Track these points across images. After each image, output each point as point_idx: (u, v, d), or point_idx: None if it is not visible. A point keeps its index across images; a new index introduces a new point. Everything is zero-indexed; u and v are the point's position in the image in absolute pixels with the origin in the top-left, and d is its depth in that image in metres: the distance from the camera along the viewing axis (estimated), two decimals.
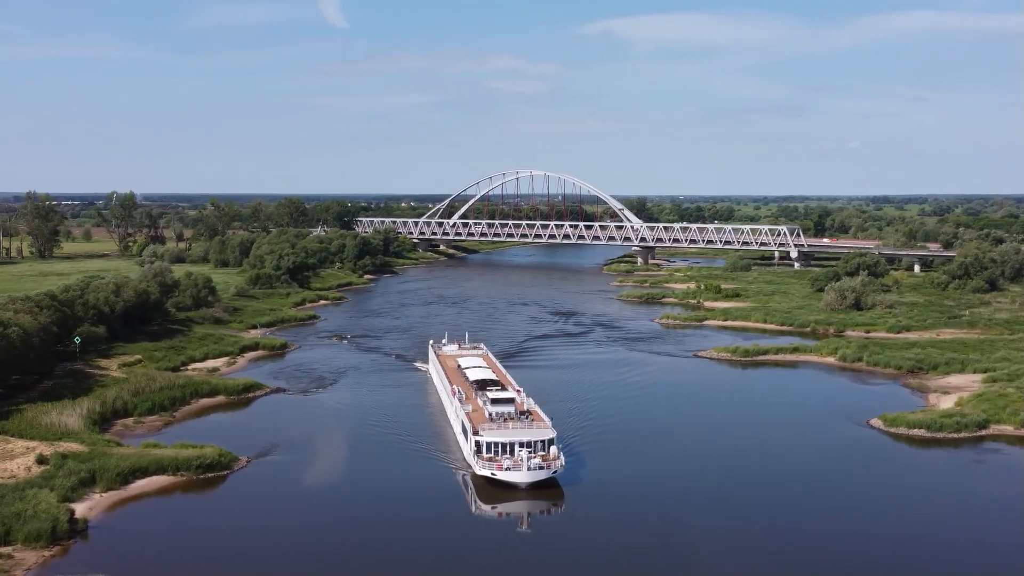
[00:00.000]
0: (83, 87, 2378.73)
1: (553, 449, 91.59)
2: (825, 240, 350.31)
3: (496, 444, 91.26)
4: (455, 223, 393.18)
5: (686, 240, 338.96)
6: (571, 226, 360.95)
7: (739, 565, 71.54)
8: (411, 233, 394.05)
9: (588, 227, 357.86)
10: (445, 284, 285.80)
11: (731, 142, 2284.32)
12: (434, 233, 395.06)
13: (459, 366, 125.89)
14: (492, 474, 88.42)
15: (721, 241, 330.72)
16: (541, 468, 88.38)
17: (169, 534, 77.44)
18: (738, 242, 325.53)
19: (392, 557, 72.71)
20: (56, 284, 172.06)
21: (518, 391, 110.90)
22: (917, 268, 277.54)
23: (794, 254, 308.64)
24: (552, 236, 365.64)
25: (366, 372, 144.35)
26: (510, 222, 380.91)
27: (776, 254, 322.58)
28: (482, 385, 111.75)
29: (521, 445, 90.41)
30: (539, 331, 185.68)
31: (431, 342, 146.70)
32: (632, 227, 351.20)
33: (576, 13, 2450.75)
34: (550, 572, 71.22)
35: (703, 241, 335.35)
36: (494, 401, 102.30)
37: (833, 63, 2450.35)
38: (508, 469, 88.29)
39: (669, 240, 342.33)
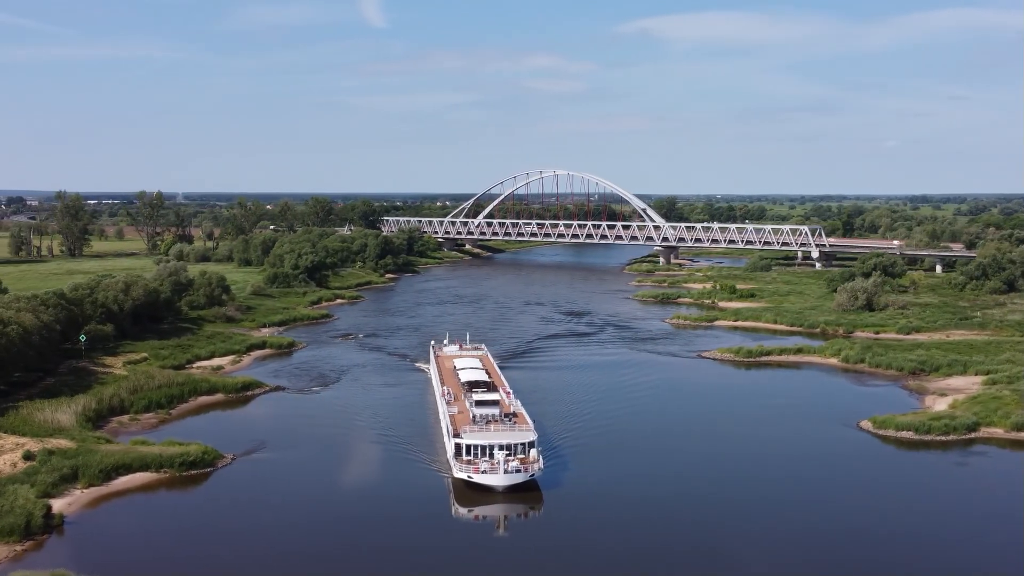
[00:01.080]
0: (127, 87, 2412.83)
1: (533, 452, 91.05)
2: (848, 240, 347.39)
3: (475, 446, 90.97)
4: (479, 223, 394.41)
5: (708, 240, 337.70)
6: (594, 226, 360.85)
7: (715, 566, 71.76)
8: (436, 232, 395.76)
9: (611, 227, 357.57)
10: (465, 283, 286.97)
11: (768, 141, 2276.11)
12: (459, 232, 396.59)
13: (454, 367, 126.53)
14: (469, 477, 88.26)
15: (743, 241, 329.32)
16: (518, 471, 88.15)
17: (142, 530, 78.70)
18: (760, 242, 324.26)
19: (363, 560, 72.72)
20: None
21: (507, 393, 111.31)
22: (939, 268, 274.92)
23: (815, 254, 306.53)
24: (575, 236, 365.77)
25: (368, 371, 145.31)
26: (534, 221, 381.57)
27: (799, 254, 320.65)
28: (472, 387, 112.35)
29: (500, 448, 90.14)
30: (548, 331, 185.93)
31: (432, 342, 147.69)
32: (653, 227, 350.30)
33: (613, 12, 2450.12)
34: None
35: (725, 241, 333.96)
36: (478, 403, 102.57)
37: (871, 61, 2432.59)
38: (484, 472, 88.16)
39: (691, 240, 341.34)
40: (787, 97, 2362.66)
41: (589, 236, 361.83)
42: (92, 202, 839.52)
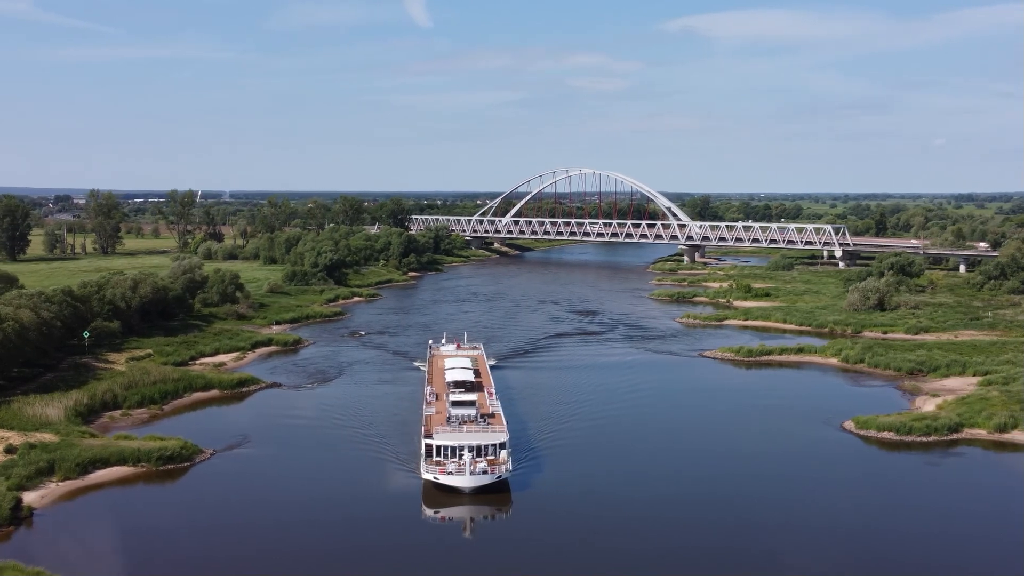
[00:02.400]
0: (176, 87, 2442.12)
1: (503, 453, 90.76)
2: (872, 239, 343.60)
3: (445, 447, 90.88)
4: (507, 221, 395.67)
5: (732, 239, 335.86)
6: (619, 224, 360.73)
7: (677, 565, 71.92)
8: (464, 231, 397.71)
9: (636, 225, 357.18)
10: (485, 282, 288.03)
11: (814, 139, 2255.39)
12: (486, 231, 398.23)
13: (443, 367, 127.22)
14: (435, 478, 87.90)
15: (767, 240, 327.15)
16: (485, 472, 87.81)
17: (107, 524, 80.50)
18: (783, 241, 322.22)
19: (322, 560, 72.33)
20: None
21: (490, 393, 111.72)
22: (962, 268, 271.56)
23: (838, 253, 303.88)
24: (600, 234, 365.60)
25: (367, 369, 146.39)
26: (560, 220, 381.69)
27: (824, 253, 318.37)
28: (455, 387, 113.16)
29: (470, 449, 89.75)
30: (556, 329, 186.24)
31: (430, 341, 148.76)
32: (678, 225, 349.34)
33: (658, 10, 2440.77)
34: None
35: (749, 240, 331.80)
36: (455, 403, 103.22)
37: (920, 58, 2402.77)
38: (450, 473, 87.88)
39: (715, 239, 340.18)
40: (834, 95, 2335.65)
41: (614, 235, 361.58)
42: (139, 200, 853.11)
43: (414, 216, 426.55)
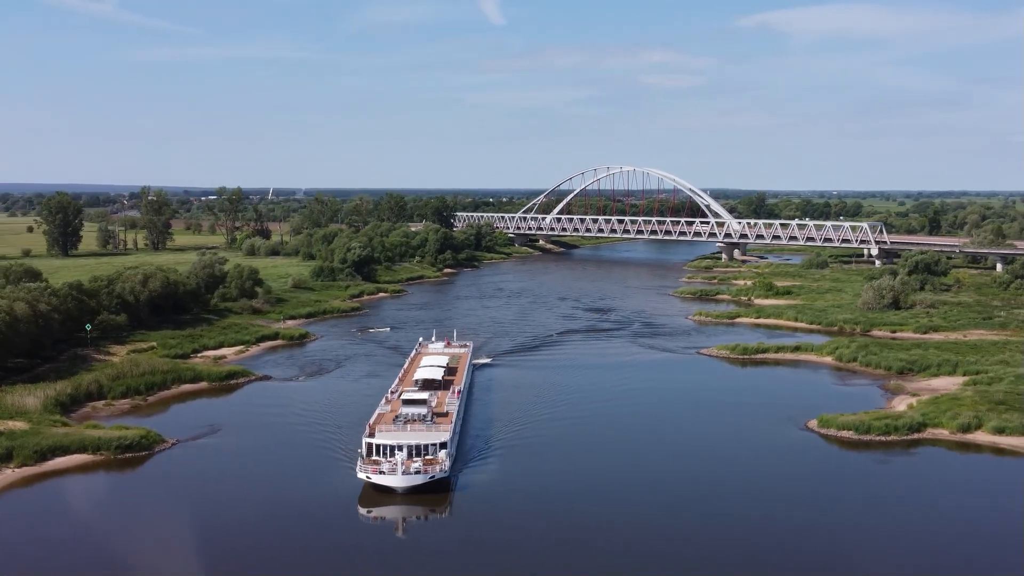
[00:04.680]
0: (254, 86, 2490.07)
1: (442, 453, 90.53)
2: (911, 237, 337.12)
3: (384, 447, 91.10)
4: (550, 219, 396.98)
5: (770, 236, 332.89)
6: (658, 222, 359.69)
7: (613, 565, 72.19)
8: (507, 228, 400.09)
9: (675, 223, 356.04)
10: (518, 279, 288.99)
11: (889, 136, 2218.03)
12: (529, 228, 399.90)
13: (420, 364, 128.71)
14: (368, 477, 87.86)
15: (804, 238, 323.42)
16: (419, 472, 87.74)
17: (56, 509, 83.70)
18: (821, 239, 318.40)
19: (244, 560, 72.76)
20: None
21: (456, 393, 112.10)
22: (999, 267, 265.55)
23: (874, 251, 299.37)
24: (640, 231, 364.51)
25: (363, 364, 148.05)
26: (600, 218, 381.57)
27: (864, 252, 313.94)
28: (415, 385, 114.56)
29: (407, 448, 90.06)
30: (566, 327, 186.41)
31: (420, 339, 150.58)
32: (717, 223, 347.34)
33: (733, 6, 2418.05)
34: None
35: (786, 238, 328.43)
36: (406, 402, 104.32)
37: (998, 53, 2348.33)
38: (383, 472, 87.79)
39: (753, 236, 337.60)
40: (911, 91, 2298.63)
41: (653, 232, 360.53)
42: (212, 197, 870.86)
43: (458, 213, 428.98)
